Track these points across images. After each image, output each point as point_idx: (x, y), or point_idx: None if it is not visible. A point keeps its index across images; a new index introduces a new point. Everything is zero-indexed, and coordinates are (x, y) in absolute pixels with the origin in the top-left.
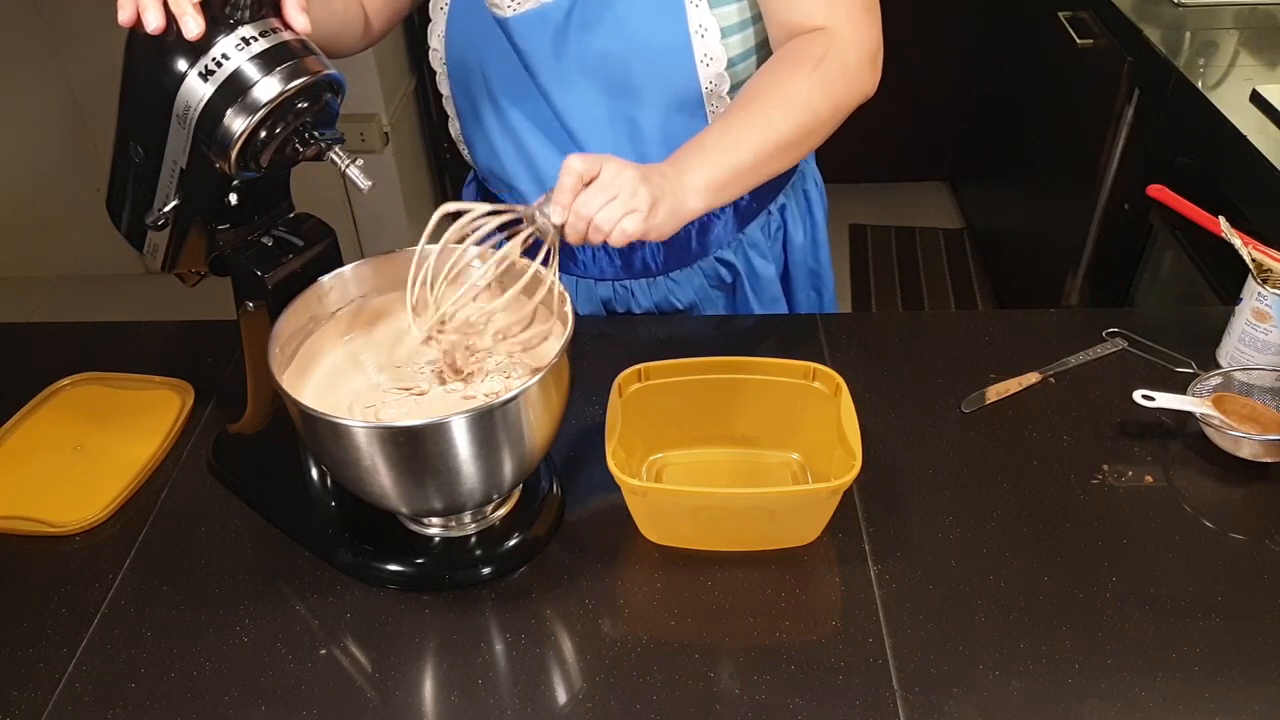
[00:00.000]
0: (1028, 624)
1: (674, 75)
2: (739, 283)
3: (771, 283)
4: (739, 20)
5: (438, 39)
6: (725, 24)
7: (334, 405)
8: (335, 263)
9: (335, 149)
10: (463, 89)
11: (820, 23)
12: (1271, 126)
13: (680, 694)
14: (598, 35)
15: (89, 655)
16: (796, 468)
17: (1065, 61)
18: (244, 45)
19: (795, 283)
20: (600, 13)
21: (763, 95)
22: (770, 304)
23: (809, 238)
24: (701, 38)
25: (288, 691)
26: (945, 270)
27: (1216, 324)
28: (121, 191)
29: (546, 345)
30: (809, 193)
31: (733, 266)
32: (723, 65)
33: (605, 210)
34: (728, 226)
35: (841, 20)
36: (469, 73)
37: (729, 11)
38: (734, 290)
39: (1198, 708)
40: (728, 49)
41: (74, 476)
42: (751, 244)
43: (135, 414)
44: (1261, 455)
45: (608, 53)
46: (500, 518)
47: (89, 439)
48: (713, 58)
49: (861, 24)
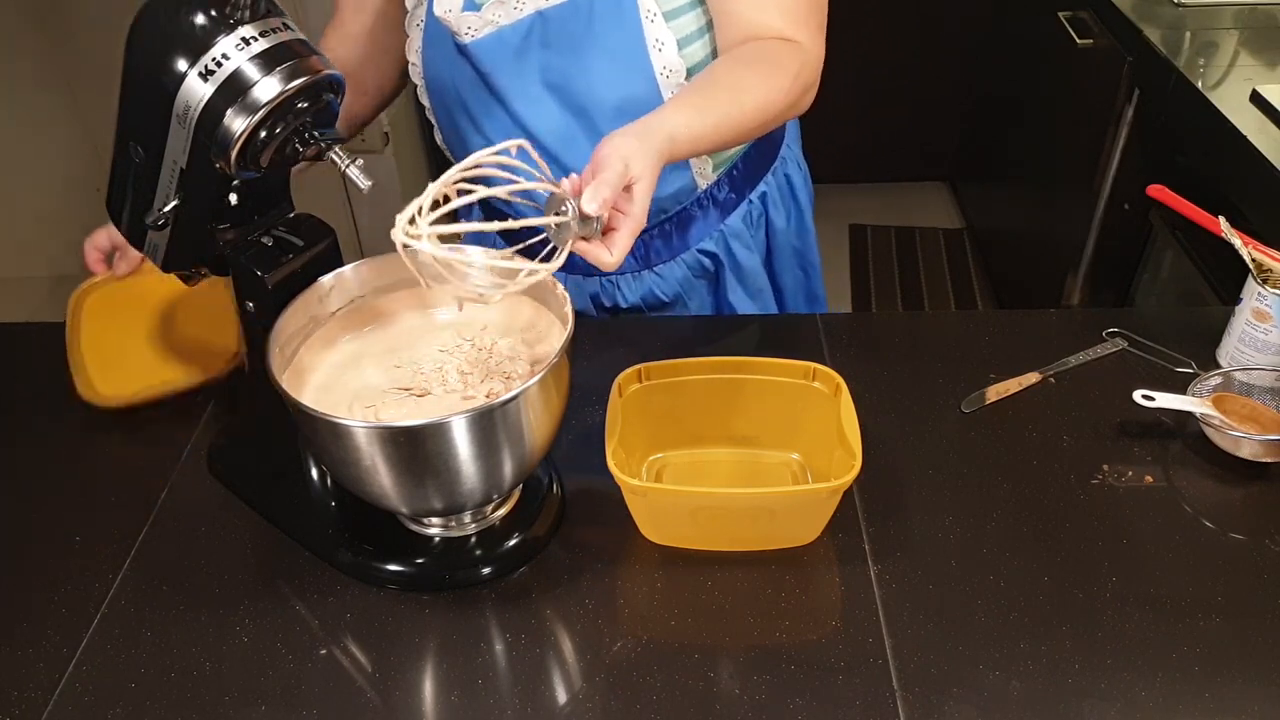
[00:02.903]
0: (1028, 624)
1: (635, 90)
2: (721, 273)
3: (756, 273)
4: (696, 29)
5: (415, 54)
6: (681, 35)
7: (334, 405)
8: (335, 263)
9: (335, 149)
10: (440, 102)
11: (784, 33)
12: (1271, 126)
13: (680, 694)
14: (556, 53)
15: (89, 655)
16: (796, 468)
17: (1065, 61)
18: (244, 45)
19: (780, 264)
20: (557, 31)
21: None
22: (756, 294)
23: (793, 221)
24: (660, 51)
25: (288, 691)
26: (945, 270)
27: (1216, 324)
28: (121, 191)
29: (546, 345)
30: (791, 176)
31: (715, 257)
32: (682, 76)
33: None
34: (709, 219)
35: (811, 37)
36: (444, 88)
37: (685, 22)
38: (717, 280)
39: (1198, 708)
40: (686, 59)
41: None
42: (734, 234)
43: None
44: (1261, 455)
45: (567, 70)
46: (500, 518)
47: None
48: (672, 69)
49: (820, 44)
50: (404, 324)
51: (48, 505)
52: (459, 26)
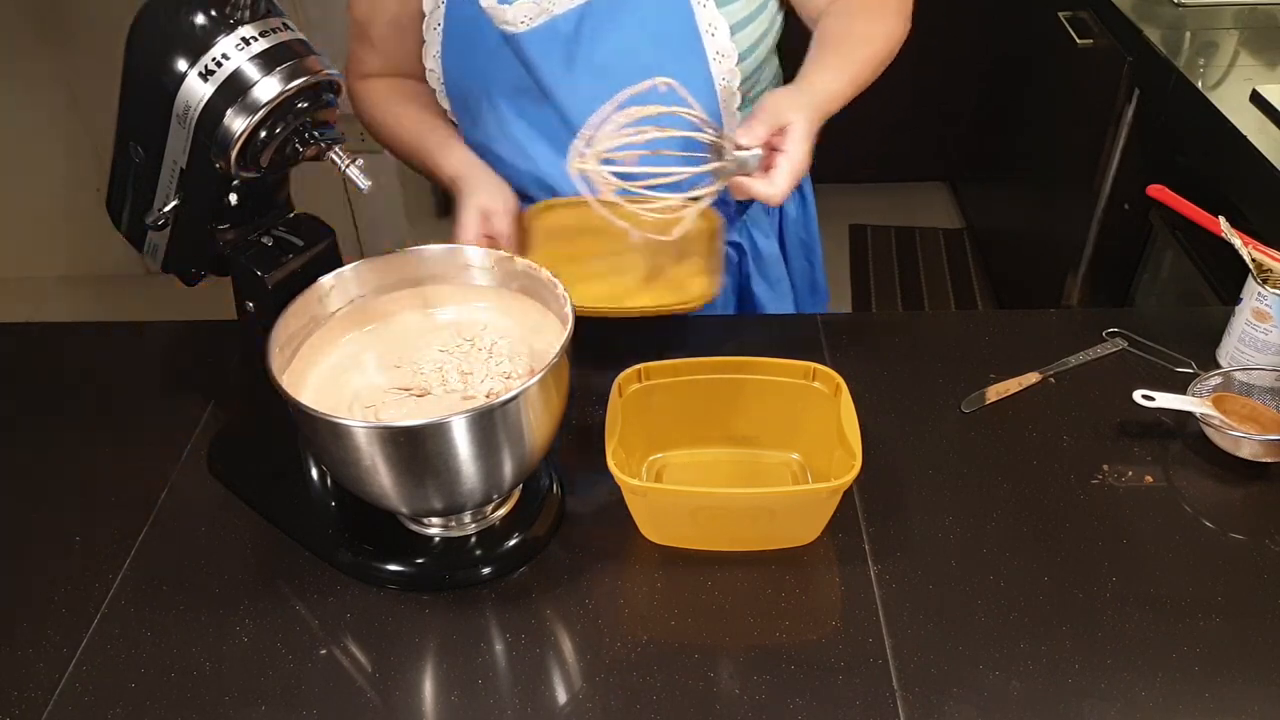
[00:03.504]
0: (1028, 624)
1: (688, 77)
2: (744, 263)
3: (775, 260)
4: (746, 14)
5: (433, 59)
6: (734, 20)
7: (334, 405)
8: (335, 263)
9: (335, 149)
10: (462, 104)
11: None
12: (1271, 126)
13: (680, 694)
14: (608, 43)
15: (89, 655)
16: (796, 468)
17: (1065, 61)
18: (244, 45)
19: (789, 252)
20: (610, 20)
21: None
22: (776, 283)
23: (799, 210)
24: (712, 36)
25: (288, 691)
26: (945, 270)
27: (1216, 324)
28: (121, 191)
29: (546, 345)
30: None
31: (739, 246)
32: (734, 61)
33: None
34: (729, 210)
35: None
36: (468, 90)
37: (737, 7)
38: (739, 270)
39: (1198, 708)
40: (738, 44)
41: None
42: (754, 222)
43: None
44: (1261, 455)
45: (618, 60)
46: (500, 518)
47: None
48: (724, 54)
49: None
50: (404, 324)
51: (48, 505)
52: (513, 17)
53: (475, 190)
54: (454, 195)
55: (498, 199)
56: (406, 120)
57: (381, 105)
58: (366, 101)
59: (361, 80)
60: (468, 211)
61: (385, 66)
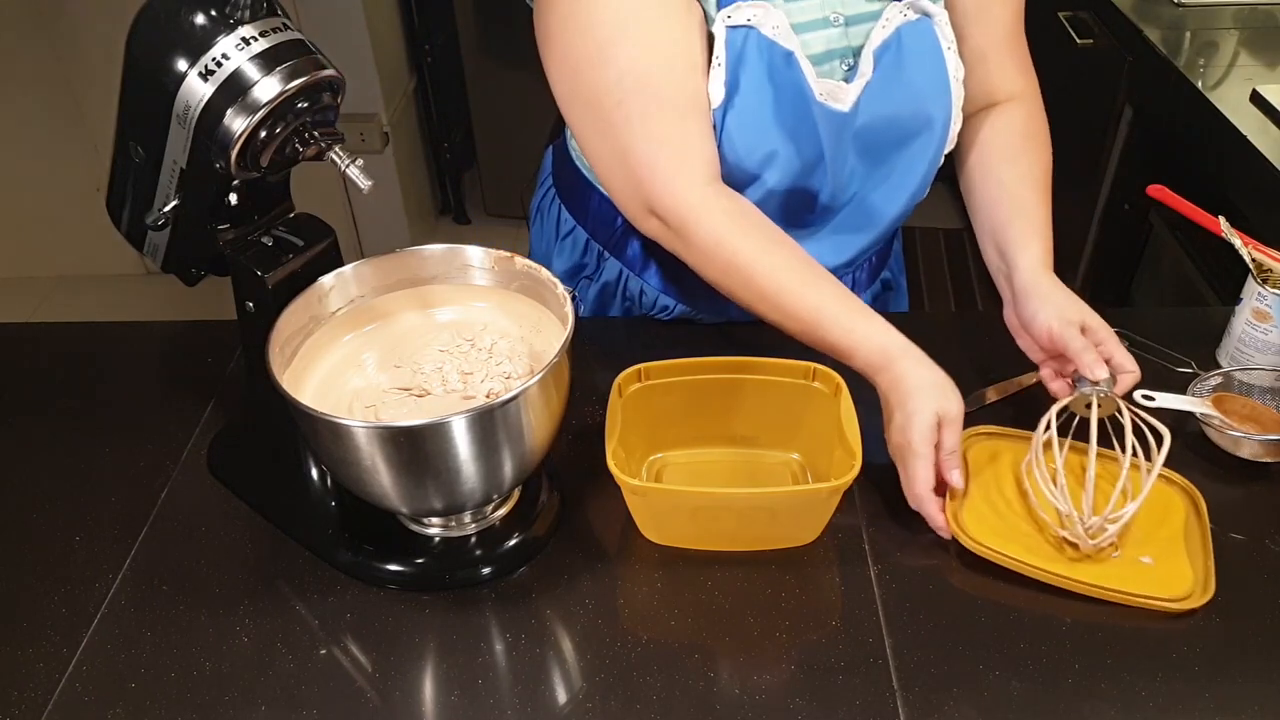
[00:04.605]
0: (1028, 624)
1: (937, 125)
2: None
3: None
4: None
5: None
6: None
7: (334, 405)
8: (335, 263)
9: (335, 149)
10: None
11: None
12: (1271, 126)
13: (680, 694)
14: (882, 106)
15: (89, 655)
16: (796, 468)
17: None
18: (244, 45)
19: None
20: (889, 85)
21: (1044, 181)
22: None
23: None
24: (957, 82)
25: (288, 691)
26: (945, 270)
27: (1216, 324)
28: (121, 191)
29: (546, 345)
30: None
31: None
32: (960, 103)
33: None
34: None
35: (1032, 80)
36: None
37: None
38: None
39: (1198, 708)
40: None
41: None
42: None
43: None
44: (1261, 455)
45: (885, 121)
46: (500, 518)
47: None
48: (959, 100)
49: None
50: (404, 324)
51: (48, 505)
52: (847, 97)
53: (927, 388)
54: (872, 376)
55: (953, 401)
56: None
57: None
58: (724, 227)
59: (711, 185)
60: (924, 416)
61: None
